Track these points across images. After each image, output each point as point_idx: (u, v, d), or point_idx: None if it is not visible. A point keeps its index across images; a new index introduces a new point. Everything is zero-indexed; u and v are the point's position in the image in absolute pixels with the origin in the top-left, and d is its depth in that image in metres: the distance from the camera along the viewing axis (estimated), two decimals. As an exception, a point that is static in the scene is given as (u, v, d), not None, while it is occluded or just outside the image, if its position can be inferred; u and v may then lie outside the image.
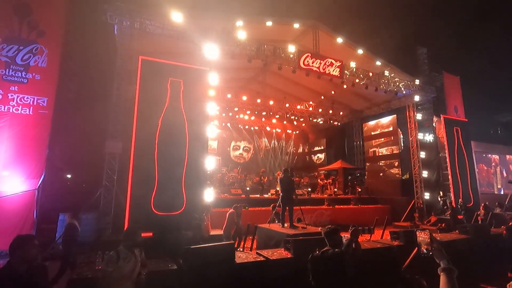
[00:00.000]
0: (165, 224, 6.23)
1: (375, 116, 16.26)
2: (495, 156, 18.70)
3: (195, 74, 8.07)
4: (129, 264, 2.88)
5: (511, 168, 19.34)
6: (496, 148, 19.04)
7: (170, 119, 7.40)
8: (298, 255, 4.07)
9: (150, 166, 7.02)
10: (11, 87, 7.25)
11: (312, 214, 11.07)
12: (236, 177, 14.62)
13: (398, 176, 14.84)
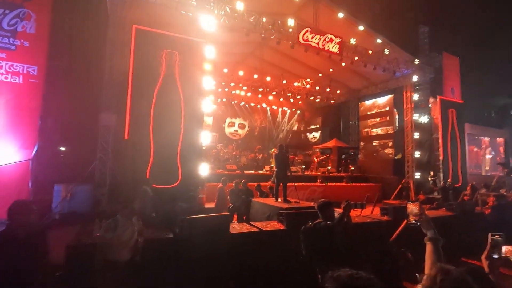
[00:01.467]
0: (161, 196, 6.32)
1: (372, 95, 16.19)
2: (485, 139, 19.01)
3: (191, 46, 7.84)
4: (126, 232, 2.96)
5: (501, 150, 19.75)
6: (488, 131, 19.32)
7: (166, 92, 7.28)
8: (290, 227, 4.22)
9: (145, 139, 7.00)
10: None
11: (305, 191, 11.31)
12: (231, 153, 14.70)
13: (391, 156, 15.08)
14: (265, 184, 8.88)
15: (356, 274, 1.08)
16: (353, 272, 1.09)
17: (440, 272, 1.13)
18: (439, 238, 1.74)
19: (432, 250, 1.68)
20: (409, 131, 13.43)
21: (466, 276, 1.12)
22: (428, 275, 1.16)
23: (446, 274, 1.12)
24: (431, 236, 1.74)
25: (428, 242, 1.73)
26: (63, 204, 7.63)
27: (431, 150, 13.61)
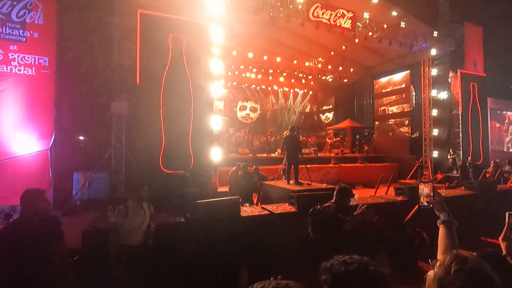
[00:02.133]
0: (173, 181, 6.42)
1: (387, 72, 15.54)
2: (509, 113, 18.02)
3: (197, 29, 7.67)
4: (138, 217, 3.02)
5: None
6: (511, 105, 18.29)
7: (174, 77, 7.23)
8: (302, 209, 4.19)
9: (156, 125, 7.05)
10: (11, 46, 7.08)
11: (319, 173, 11.22)
12: (243, 137, 14.69)
13: (408, 134, 14.61)
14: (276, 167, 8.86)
15: (349, 259, 1.02)
16: (346, 257, 1.03)
17: (456, 260, 1.03)
18: (453, 221, 1.63)
19: (445, 234, 1.58)
20: (427, 108, 12.89)
21: (484, 264, 1.03)
22: (442, 263, 1.07)
23: (463, 263, 1.02)
24: (444, 219, 1.63)
25: (441, 225, 1.63)
26: (83, 191, 7.93)
27: (450, 127, 13.05)
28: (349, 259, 1.02)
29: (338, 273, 0.99)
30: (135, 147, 7.56)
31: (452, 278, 0.99)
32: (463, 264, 1.01)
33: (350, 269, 0.99)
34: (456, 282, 0.97)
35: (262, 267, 3.45)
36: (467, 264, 1.01)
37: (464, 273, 0.98)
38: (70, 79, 8.16)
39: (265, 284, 0.88)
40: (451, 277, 0.99)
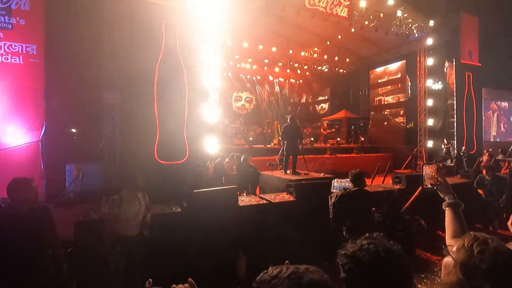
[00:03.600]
0: (168, 172, 6.32)
1: (382, 62, 15.47)
2: (495, 104, 18.16)
3: (191, 17, 7.44)
4: (133, 207, 2.93)
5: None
6: (505, 95, 18.43)
7: (168, 66, 7.04)
8: (300, 198, 4.15)
9: (150, 115, 6.89)
10: (-4, 34, 6.80)
11: (315, 163, 11.21)
12: (239, 128, 14.57)
13: (403, 125, 14.66)
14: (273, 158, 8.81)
15: (369, 243, 0.94)
16: (367, 241, 0.95)
17: (476, 242, 0.96)
18: (460, 203, 1.55)
19: (452, 216, 1.49)
20: (422, 98, 12.90)
21: (503, 245, 0.96)
22: (460, 246, 0.99)
23: (484, 243, 0.95)
24: (451, 201, 1.55)
25: (447, 208, 1.54)
26: (76, 183, 7.79)
27: (445, 117, 13.10)
28: (369, 244, 0.94)
29: (361, 260, 0.92)
30: (129, 138, 7.41)
31: (477, 261, 0.91)
32: (485, 244, 0.94)
33: (372, 253, 0.92)
34: (482, 264, 0.90)
35: (260, 255, 3.41)
36: (490, 244, 0.94)
37: (489, 254, 0.91)
38: (59, 68, 7.90)
39: (283, 269, 0.80)
40: (475, 259, 0.92)
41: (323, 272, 0.82)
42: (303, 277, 0.77)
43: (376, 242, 0.94)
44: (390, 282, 0.89)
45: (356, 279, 0.91)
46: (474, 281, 0.89)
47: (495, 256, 0.90)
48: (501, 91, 18.18)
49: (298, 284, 0.75)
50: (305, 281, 0.76)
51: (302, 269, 0.80)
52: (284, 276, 0.77)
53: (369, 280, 0.90)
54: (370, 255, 0.91)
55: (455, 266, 0.96)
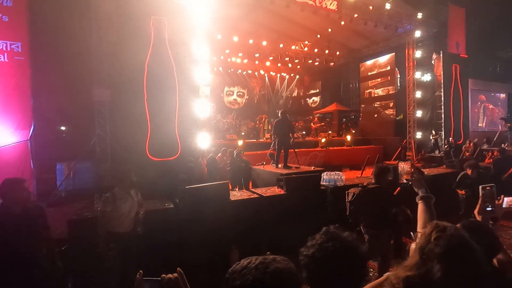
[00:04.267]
0: (161, 168, 6.35)
1: (372, 55, 15.61)
2: (485, 94, 18.56)
3: (180, 11, 7.38)
4: (126, 204, 2.97)
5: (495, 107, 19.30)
6: (492, 86, 18.82)
7: (157, 62, 7.00)
8: (290, 191, 4.24)
9: (141, 112, 6.86)
10: (-21, 31, 6.64)
11: (307, 156, 11.35)
12: (231, 123, 14.58)
13: (392, 117, 14.90)
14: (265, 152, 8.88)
15: (326, 241, 1.05)
16: (325, 239, 1.06)
17: (435, 229, 1.08)
18: (431, 196, 1.69)
19: (424, 208, 1.64)
20: (411, 90, 13.11)
21: (462, 232, 1.07)
22: (423, 233, 1.11)
23: (442, 231, 1.07)
24: (423, 195, 1.69)
25: (420, 201, 1.69)
26: (68, 182, 7.73)
27: (433, 109, 13.37)
28: (327, 242, 1.04)
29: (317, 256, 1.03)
30: (120, 135, 7.37)
31: (432, 246, 1.03)
32: (443, 231, 1.05)
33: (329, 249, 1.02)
34: (436, 249, 1.01)
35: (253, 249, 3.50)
36: (447, 232, 1.05)
37: (443, 240, 1.02)
38: (46, 65, 7.75)
39: (252, 260, 0.88)
40: (431, 244, 1.03)
41: (289, 261, 0.90)
42: (269, 266, 0.84)
43: (334, 238, 1.04)
44: (349, 274, 1.00)
45: (317, 278, 1.01)
46: (428, 263, 1.00)
47: (448, 242, 1.01)
48: (487, 82, 18.56)
49: (264, 272, 0.82)
50: (270, 270, 0.83)
51: (269, 259, 0.88)
52: (252, 266, 0.85)
53: (329, 278, 0.99)
54: (330, 254, 1.01)
55: (415, 250, 1.08)
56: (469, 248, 1.02)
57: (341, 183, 4.73)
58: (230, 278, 0.86)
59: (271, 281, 0.81)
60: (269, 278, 0.82)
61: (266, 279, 0.82)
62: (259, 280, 0.81)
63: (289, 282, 0.84)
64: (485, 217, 1.64)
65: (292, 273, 0.87)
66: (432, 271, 0.99)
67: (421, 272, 1.02)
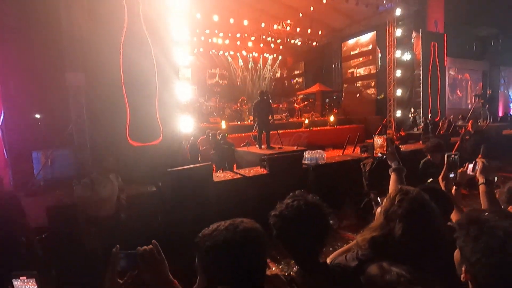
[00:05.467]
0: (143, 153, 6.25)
1: (354, 34, 15.61)
2: (452, 73, 19.08)
3: (154, -12, 7.02)
4: (105, 188, 2.94)
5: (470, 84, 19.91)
6: (468, 64, 19.33)
7: (133, 43, 6.69)
8: (273, 171, 4.31)
9: (119, 97, 6.63)
10: None
11: (291, 137, 11.46)
12: (214, 106, 14.40)
13: (374, 96, 15.16)
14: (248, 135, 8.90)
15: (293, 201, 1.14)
16: (291, 199, 1.15)
17: (399, 192, 1.15)
18: (403, 168, 1.78)
19: (395, 179, 1.73)
20: (391, 69, 13.30)
21: (424, 195, 1.15)
22: (387, 197, 1.18)
23: (405, 194, 1.14)
24: (395, 167, 1.78)
25: (392, 172, 1.78)
26: (46, 170, 7.48)
27: (412, 87, 13.69)
28: (292, 201, 1.13)
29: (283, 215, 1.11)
30: (98, 121, 7.12)
31: (395, 208, 1.10)
32: (406, 194, 1.13)
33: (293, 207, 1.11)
34: (399, 210, 1.09)
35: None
36: (409, 194, 1.12)
37: (406, 202, 1.09)
38: (14, 49, 7.27)
39: (221, 223, 0.93)
40: (394, 206, 1.10)
41: (255, 222, 0.96)
42: (238, 226, 0.90)
43: (298, 198, 1.11)
44: (313, 228, 1.06)
45: (285, 234, 1.07)
46: (391, 223, 1.08)
47: (410, 203, 1.08)
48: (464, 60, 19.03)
49: (234, 232, 0.88)
50: (240, 229, 0.89)
51: (238, 221, 0.94)
52: (222, 228, 0.91)
53: (295, 232, 1.05)
54: (294, 210, 1.07)
55: (380, 212, 1.15)
56: (428, 208, 1.11)
57: (322, 161, 4.84)
58: (201, 241, 0.90)
59: (241, 239, 0.87)
60: (239, 236, 0.87)
61: (237, 238, 0.87)
62: (229, 239, 0.87)
63: (258, 239, 0.91)
64: (448, 182, 1.75)
65: (260, 231, 0.93)
66: (394, 230, 1.07)
67: (384, 232, 1.10)
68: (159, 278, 1.02)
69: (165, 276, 1.05)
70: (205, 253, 0.89)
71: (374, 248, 1.09)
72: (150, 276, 0.99)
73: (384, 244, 1.08)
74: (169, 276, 1.06)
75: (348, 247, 1.31)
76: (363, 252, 1.12)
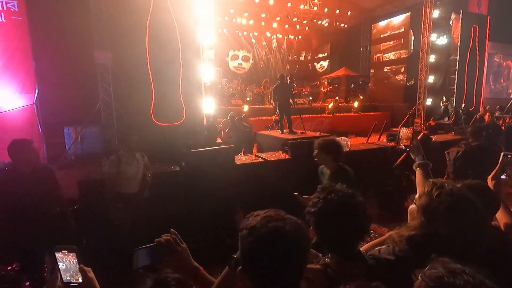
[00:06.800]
0: (166, 133, 6.38)
1: (386, 15, 14.68)
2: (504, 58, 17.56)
3: (180, -34, 6.89)
4: (131, 166, 3.02)
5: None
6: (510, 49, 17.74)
7: (159, 22, 6.69)
8: (295, 156, 4.25)
9: (144, 76, 6.73)
10: (-28, -11, 6.35)
11: (312, 123, 11.24)
12: (236, 88, 14.31)
13: (403, 82, 14.41)
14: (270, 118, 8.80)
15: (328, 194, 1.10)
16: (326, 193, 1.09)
17: (434, 186, 1.08)
18: (428, 163, 1.71)
19: (422, 175, 1.65)
20: (425, 53, 12.46)
21: (462, 188, 1.07)
22: (421, 193, 1.11)
23: (441, 187, 1.07)
24: (420, 162, 1.70)
25: (417, 168, 1.70)
26: (76, 145, 7.86)
27: (446, 74, 12.82)
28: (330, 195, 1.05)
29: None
30: (125, 100, 7.31)
31: (436, 204, 1.02)
32: (442, 188, 1.05)
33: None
34: (440, 206, 1.01)
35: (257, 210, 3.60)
36: (445, 188, 1.04)
37: (445, 195, 1.02)
38: (44, 26, 7.49)
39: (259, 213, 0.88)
40: (434, 202, 1.03)
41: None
42: (285, 219, 0.84)
43: (332, 191, 1.06)
44: (356, 222, 1.01)
45: (326, 229, 1.03)
46: (433, 222, 1.01)
47: (450, 197, 1.00)
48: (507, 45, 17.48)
49: (284, 223, 0.83)
50: (288, 221, 0.83)
51: (282, 213, 0.88)
52: (272, 218, 0.84)
53: (337, 227, 1.01)
54: (335, 205, 1.04)
55: (418, 211, 1.08)
56: (470, 202, 1.03)
57: (346, 148, 4.71)
58: (248, 233, 0.82)
59: (294, 233, 0.80)
60: (288, 229, 0.80)
61: (289, 230, 0.80)
62: (283, 231, 0.79)
63: (306, 233, 0.84)
64: (497, 183, 1.60)
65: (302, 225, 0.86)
66: (438, 230, 1.00)
67: (425, 231, 1.03)
68: (182, 267, 1.02)
69: (188, 264, 1.04)
70: (254, 247, 0.79)
71: (412, 247, 1.04)
72: (173, 266, 0.99)
73: (423, 244, 1.02)
74: (192, 263, 1.05)
75: (380, 241, 1.26)
76: (400, 248, 1.07)
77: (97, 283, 0.95)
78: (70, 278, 0.94)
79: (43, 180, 2.38)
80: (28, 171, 2.29)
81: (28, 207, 2.25)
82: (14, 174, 2.28)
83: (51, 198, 2.55)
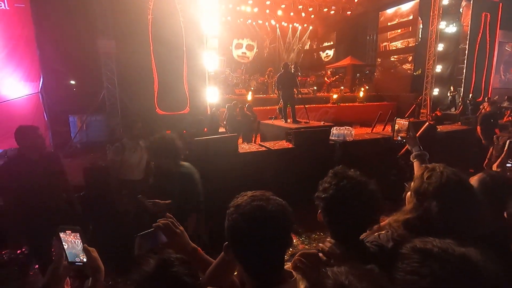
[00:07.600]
0: (170, 122, 6.41)
1: (394, 2, 14.30)
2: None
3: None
4: (135, 153, 3.05)
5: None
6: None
7: (162, 10, 6.64)
8: (298, 145, 4.24)
9: (148, 65, 6.72)
10: (-26, -25, 6.31)
11: (317, 112, 11.16)
12: (240, 77, 14.19)
13: (410, 71, 14.15)
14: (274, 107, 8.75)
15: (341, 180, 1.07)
16: (338, 179, 1.07)
17: (425, 170, 1.09)
18: (425, 153, 1.71)
19: (418, 165, 1.65)
20: (433, 42, 12.16)
21: (452, 169, 1.07)
22: (415, 177, 1.13)
23: (432, 170, 1.09)
24: (417, 153, 1.70)
25: (414, 159, 1.70)
26: (81, 134, 7.94)
27: (454, 63, 12.55)
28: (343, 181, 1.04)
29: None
30: (129, 89, 7.34)
31: (426, 185, 1.03)
32: (433, 170, 1.06)
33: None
34: (430, 187, 1.02)
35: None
36: (436, 169, 1.05)
37: (435, 177, 1.03)
38: (47, 14, 7.45)
39: (253, 195, 0.91)
40: (425, 184, 1.04)
41: None
42: (270, 198, 0.89)
43: (345, 177, 1.06)
44: (366, 209, 1.02)
45: (335, 215, 1.03)
46: (424, 203, 1.02)
47: (440, 178, 1.01)
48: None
49: (267, 202, 0.88)
50: (273, 201, 0.89)
51: (268, 193, 0.93)
52: (255, 197, 0.89)
53: (348, 213, 1.02)
54: (347, 191, 1.02)
55: (410, 194, 1.09)
56: (461, 182, 1.04)
57: (350, 138, 4.69)
58: (232, 211, 0.88)
59: (276, 211, 0.85)
60: (273, 208, 0.85)
61: (273, 209, 0.86)
62: (265, 210, 0.84)
63: (289, 213, 0.88)
64: (504, 171, 1.61)
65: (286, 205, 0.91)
66: (429, 210, 1.01)
67: (419, 213, 1.04)
68: (181, 249, 1.07)
69: (187, 245, 1.10)
70: (237, 223, 0.85)
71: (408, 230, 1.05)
72: (173, 248, 1.03)
73: (419, 226, 1.03)
74: (191, 245, 1.12)
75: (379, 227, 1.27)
76: (398, 233, 1.08)
77: (101, 262, 0.98)
78: (75, 258, 0.96)
79: (50, 166, 2.42)
80: (35, 157, 2.32)
81: (36, 192, 2.29)
82: (22, 160, 2.32)
83: (58, 183, 2.59)
